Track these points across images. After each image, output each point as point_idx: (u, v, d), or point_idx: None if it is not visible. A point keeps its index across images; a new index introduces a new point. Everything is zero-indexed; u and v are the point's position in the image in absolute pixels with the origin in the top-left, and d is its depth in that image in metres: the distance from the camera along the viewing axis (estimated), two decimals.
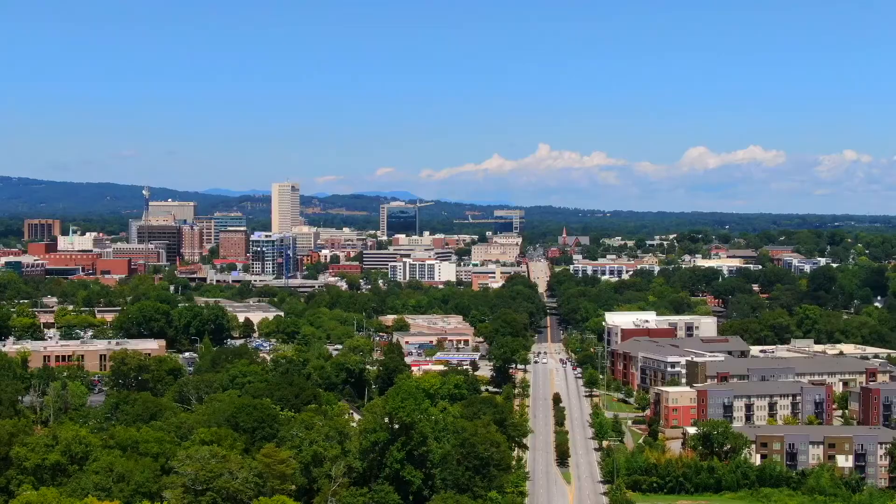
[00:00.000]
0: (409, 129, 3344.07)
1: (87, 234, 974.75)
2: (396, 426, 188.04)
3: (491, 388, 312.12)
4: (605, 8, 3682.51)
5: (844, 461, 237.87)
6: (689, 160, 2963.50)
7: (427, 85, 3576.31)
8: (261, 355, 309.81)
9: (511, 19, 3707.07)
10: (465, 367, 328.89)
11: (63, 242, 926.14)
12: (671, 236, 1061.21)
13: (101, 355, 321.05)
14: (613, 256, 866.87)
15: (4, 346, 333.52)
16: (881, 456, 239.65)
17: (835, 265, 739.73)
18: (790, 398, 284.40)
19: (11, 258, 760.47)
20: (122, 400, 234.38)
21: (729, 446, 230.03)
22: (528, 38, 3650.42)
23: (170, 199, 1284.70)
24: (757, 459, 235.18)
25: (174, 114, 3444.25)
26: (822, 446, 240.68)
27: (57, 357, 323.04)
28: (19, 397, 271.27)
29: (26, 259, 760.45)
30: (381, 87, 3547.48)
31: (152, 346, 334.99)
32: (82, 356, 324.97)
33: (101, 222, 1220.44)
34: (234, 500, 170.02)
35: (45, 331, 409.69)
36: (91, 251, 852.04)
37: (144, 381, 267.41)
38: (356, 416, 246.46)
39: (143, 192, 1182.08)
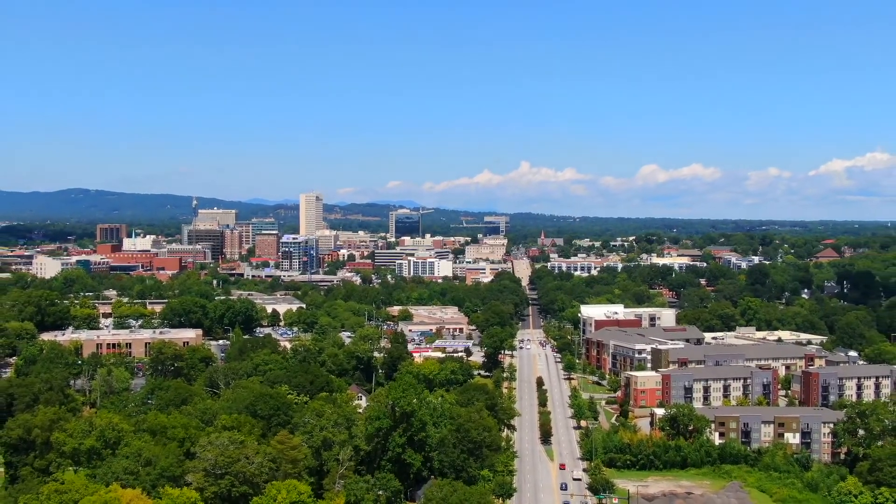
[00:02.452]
0: (415, 149, 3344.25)
1: (148, 236, 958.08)
2: (398, 414, 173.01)
3: (482, 373, 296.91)
4: (574, 50, 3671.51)
5: (792, 438, 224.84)
6: (643, 175, 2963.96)
7: (429, 112, 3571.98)
8: (281, 344, 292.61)
9: (500, 61, 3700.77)
10: (460, 353, 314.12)
11: (127, 244, 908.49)
12: (631, 238, 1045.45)
13: (146, 343, 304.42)
14: (584, 255, 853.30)
15: (64, 335, 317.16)
16: (825, 434, 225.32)
17: (767, 262, 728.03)
18: (742, 381, 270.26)
19: (83, 257, 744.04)
20: (157, 386, 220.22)
21: (692, 427, 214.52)
22: (513, 75, 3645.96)
23: (215, 208, 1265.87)
24: (716, 437, 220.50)
25: (222, 136, 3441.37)
26: (772, 425, 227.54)
27: (108, 345, 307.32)
28: (71, 381, 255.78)
29: (94, 258, 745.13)
30: (391, 114, 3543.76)
31: (190, 335, 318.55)
32: (130, 344, 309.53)
33: (160, 227, 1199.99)
34: (251, 483, 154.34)
35: (103, 320, 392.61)
36: (149, 251, 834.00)
37: (179, 367, 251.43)
38: (364, 401, 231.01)
39: (193, 201, 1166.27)
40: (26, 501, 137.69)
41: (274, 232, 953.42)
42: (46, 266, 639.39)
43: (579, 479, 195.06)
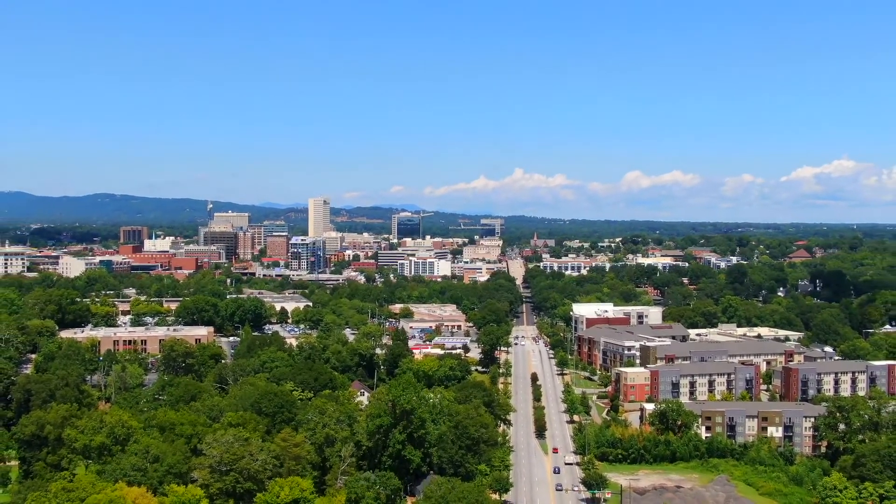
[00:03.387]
0: (416, 156, 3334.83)
1: (167, 238, 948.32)
2: (398, 412, 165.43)
3: (479, 369, 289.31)
4: (564, 66, 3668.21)
5: (775, 432, 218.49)
6: (627, 181, 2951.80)
7: (430, 122, 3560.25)
8: (287, 341, 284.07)
9: (496, 74, 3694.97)
10: (458, 350, 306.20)
11: (148, 245, 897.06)
12: (617, 240, 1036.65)
13: (160, 340, 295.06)
14: (574, 255, 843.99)
15: (83, 332, 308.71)
16: (806, 428, 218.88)
17: (744, 262, 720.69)
18: (726, 376, 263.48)
19: (106, 257, 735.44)
20: (167, 383, 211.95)
21: (681, 422, 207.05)
22: (507, 88, 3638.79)
23: (230, 211, 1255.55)
24: (703, 431, 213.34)
25: (237, 144, 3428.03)
26: (756, 420, 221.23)
27: (125, 342, 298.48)
28: (88, 377, 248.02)
29: (117, 258, 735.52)
30: (395, 124, 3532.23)
31: (202, 332, 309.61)
32: (145, 341, 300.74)
33: (180, 229, 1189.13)
34: (255, 479, 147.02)
35: (121, 317, 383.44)
36: (167, 251, 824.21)
37: (190, 364, 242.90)
38: (366, 396, 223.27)
39: (208, 205, 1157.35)
40: (35, 498, 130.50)
41: (284, 234, 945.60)
42: (71, 266, 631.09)
43: (571, 464, 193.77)
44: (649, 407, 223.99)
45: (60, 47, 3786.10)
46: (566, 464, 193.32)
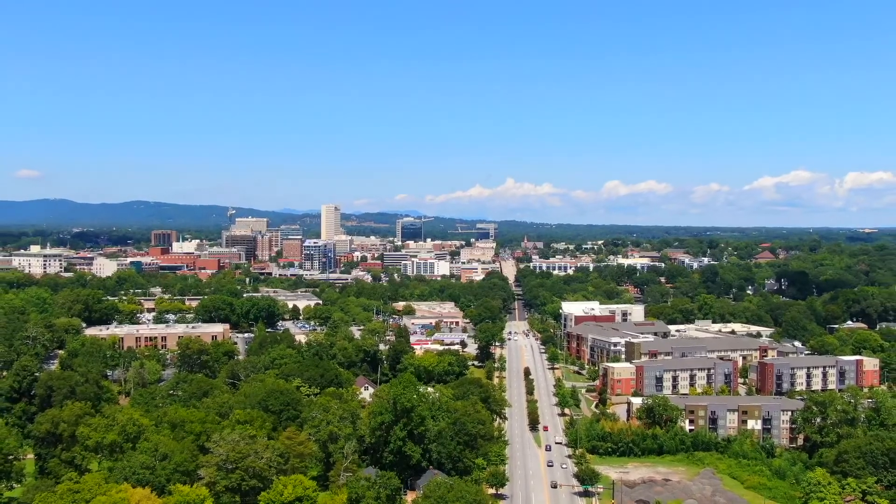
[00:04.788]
0: (418, 167, 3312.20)
1: (193, 241, 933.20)
2: (399, 409, 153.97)
3: (476, 364, 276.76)
4: (548, 86, 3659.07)
5: (755, 425, 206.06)
6: (607, 189, 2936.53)
7: (431, 136, 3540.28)
8: (297, 338, 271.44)
9: (489, 94, 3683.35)
10: (456, 345, 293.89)
11: (175, 247, 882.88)
12: (599, 242, 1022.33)
13: (179, 337, 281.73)
14: (560, 256, 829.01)
15: (108, 329, 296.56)
16: (784, 421, 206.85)
17: (715, 263, 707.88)
18: (706, 371, 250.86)
19: (137, 259, 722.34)
20: (182, 379, 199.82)
21: (667, 416, 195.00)
22: (499, 107, 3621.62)
23: (250, 217, 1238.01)
24: (686, 424, 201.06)
25: (259, 156, 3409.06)
26: (737, 413, 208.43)
27: (146, 338, 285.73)
28: (109, 373, 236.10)
29: (146, 259, 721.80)
30: (399, 139, 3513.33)
31: (218, 329, 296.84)
32: (165, 338, 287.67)
33: (206, 233, 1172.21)
34: (260, 477, 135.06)
35: (146, 315, 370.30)
36: (192, 253, 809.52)
37: (205, 361, 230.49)
38: (370, 390, 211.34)
39: (230, 211, 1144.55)
40: (43, 499, 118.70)
41: (298, 237, 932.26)
42: (104, 266, 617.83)
43: (560, 443, 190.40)
44: (635, 401, 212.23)
45: (103, 70, 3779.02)
46: (556, 443, 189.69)
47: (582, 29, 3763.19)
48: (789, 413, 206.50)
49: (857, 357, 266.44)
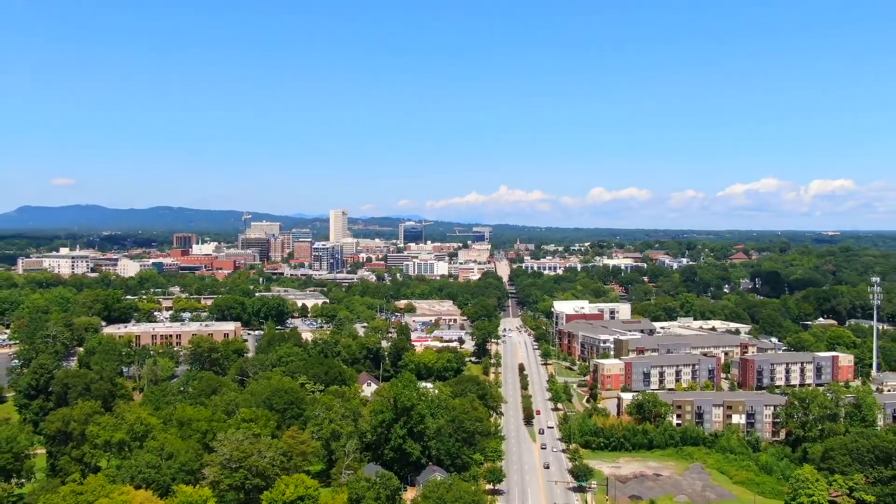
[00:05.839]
0: (420, 176, 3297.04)
1: (211, 243, 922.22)
2: (399, 408, 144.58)
3: (473, 360, 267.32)
4: (537, 101, 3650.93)
5: (739, 419, 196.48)
6: (592, 196, 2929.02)
7: (431, 148, 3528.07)
8: (304, 335, 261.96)
9: (483, 109, 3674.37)
10: (454, 342, 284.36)
11: (195, 249, 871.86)
12: (586, 244, 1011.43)
13: (193, 334, 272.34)
14: (550, 257, 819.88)
15: (125, 327, 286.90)
16: (766, 416, 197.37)
17: (693, 263, 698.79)
18: (691, 367, 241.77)
19: (158, 260, 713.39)
20: (192, 377, 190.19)
21: (656, 412, 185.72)
22: (493, 122, 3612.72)
23: (264, 221, 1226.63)
24: (674, 419, 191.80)
25: (275, 165, 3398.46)
26: (721, 408, 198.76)
27: (162, 336, 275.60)
28: (125, 369, 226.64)
29: (167, 260, 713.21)
30: (403, 149, 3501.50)
31: (230, 327, 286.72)
32: (180, 335, 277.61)
33: (224, 236, 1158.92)
34: (263, 476, 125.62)
35: (163, 313, 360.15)
36: (210, 254, 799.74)
37: (215, 358, 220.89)
38: (373, 386, 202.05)
39: (245, 215, 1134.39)
40: (47, 500, 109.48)
41: (308, 240, 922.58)
42: (128, 267, 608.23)
43: (552, 427, 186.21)
44: (625, 396, 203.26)
45: (133, 87, 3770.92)
46: (548, 427, 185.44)
47: (569, 51, 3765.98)
48: (772, 408, 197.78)
49: (833, 353, 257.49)
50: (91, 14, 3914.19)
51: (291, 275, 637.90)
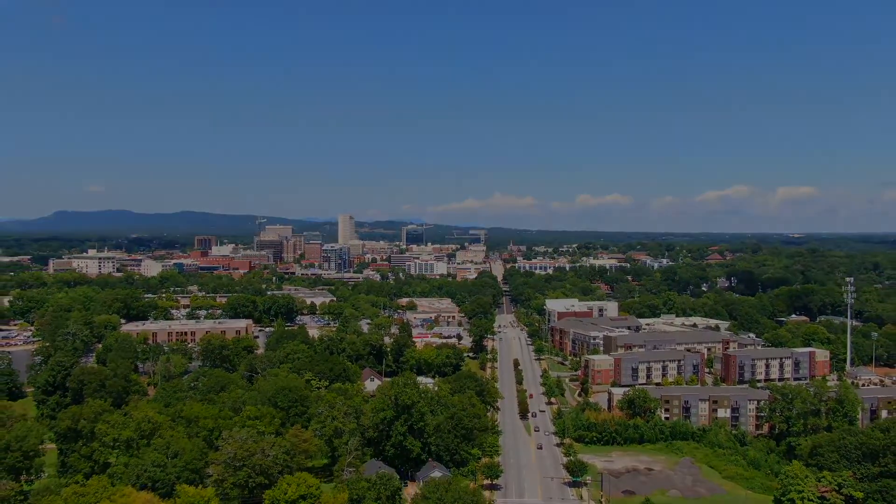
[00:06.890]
0: (421, 182, 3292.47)
1: (229, 245, 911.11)
2: (400, 406, 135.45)
3: (470, 355, 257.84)
4: (528, 114, 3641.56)
5: (724, 413, 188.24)
6: (579, 201, 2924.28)
7: (432, 157, 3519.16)
8: (311, 332, 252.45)
9: (477, 118, 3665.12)
10: (453, 338, 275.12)
11: (214, 250, 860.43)
12: (573, 246, 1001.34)
13: (206, 332, 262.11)
14: (541, 258, 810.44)
15: (143, 325, 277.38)
16: (750, 410, 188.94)
17: (673, 263, 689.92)
18: (676, 362, 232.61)
19: (179, 260, 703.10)
20: (202, 373, 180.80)
21: (646, 407, 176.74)
22: (487, 132, 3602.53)
23: (278, 224, 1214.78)
24: (662, 413, 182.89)
25: (290, 173, 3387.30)
26: (707, 402, 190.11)
27: (177, 333, 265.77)
28: (140, 365, 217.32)
29: (187, 261, 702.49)
30: (406, 158, 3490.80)
31: (242, 324, 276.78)
32: (194, 333, 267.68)
33: (242, 238, 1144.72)
34: (266, 474, 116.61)
35: (180, 311, 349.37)
36: (227, 255, 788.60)
37: (225, 355, 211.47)
38: (375, 382, 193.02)
39: (259, 219, 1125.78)
40: (49, 502, 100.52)
41: (318, 242, 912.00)
42: (150, 268, 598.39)
43: (544, 412, 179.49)
44: (616, 391, 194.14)
45: (158, 103, 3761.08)
46: (540, 411, 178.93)
47: (558, 69, 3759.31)
48: (755, 402, 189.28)
49: (810, 349, 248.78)
50: (121, 34, 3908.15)
51: (302, 274, 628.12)
